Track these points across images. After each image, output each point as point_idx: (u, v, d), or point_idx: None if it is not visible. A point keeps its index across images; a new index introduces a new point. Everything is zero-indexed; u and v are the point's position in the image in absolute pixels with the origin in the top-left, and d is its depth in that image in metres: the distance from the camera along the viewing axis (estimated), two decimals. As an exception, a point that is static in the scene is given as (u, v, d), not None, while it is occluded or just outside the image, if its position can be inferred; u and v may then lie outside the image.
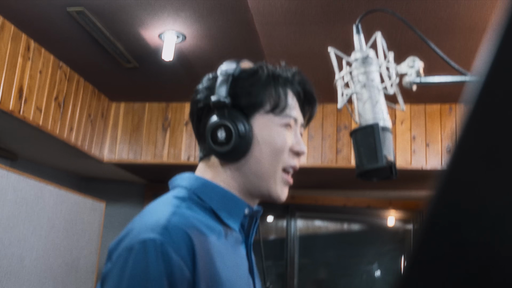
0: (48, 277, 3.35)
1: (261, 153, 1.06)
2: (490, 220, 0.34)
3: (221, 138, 1.04)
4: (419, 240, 0.36)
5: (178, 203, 1.01)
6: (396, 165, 1.09)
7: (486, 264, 0.35)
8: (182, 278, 0.87)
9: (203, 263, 0.91)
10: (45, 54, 3.32)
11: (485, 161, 0.34)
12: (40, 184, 3.26)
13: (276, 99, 1.08)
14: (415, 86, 1.10)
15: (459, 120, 0.37)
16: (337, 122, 3.96)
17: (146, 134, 4.21)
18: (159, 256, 0.86)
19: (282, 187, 1.09)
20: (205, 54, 3.21)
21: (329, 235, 5.64)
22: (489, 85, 0.32)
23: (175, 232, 0.90)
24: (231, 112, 1.05)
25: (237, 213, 1.07)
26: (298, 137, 1.11)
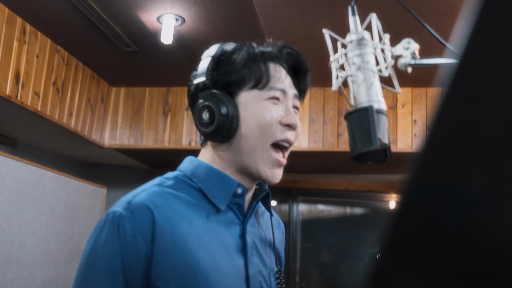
0: (49, 262, 3.36)
1: (247, 129, 1.06)
2: (468, 199, 0.34)
3: (206, 118, 1.06)
4: (395, 221, 0.35)
5: (160, 181, 1.07)
6: (390, 149, 1.07)
7: (465, 243, 0.35)
8: (136, 247, 0.95)
9: (167, 236, 0.97)
10: (42, 38, 3.29)
11: (463, 138, 0.33)
12: (40, 170, 3.26)
13: (257, 74, 1.07)
14: (410, 68, 1.07)
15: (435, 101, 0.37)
16: (339, 106, 3.93)
17: (147, 119, 4.19)
18: (115, 226, 0.96)
19: (271, 167, 1.07)
20: (205, 37, 3.18)
21: (331, 219, 5.65)
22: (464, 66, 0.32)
23: (136, 206, 0.98)
24: (214, 93, 1.07)
25: (226, 191, 1.07)
26: (289, 110, 1.09)
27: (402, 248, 0.35)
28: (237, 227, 1.08)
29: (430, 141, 0.34)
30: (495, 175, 0.33)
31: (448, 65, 0.33)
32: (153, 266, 0.95)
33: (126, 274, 0.95)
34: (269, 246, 1.19)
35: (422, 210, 0.35)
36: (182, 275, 0.95)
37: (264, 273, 1.12)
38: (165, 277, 0.95)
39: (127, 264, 0.95)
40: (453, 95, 0.33)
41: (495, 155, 0.33)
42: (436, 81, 0.37)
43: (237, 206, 1.09)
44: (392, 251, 0.36)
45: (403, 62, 1.04)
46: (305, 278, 5.27)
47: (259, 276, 1.09)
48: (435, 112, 0.33)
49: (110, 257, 0.95)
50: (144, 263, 0.95)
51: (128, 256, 0.95)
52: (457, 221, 0.34)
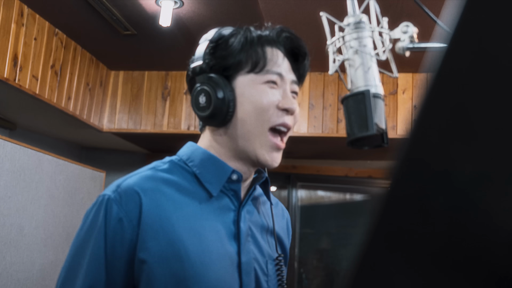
0: (48, 246, 3.37)
1: (244, 114, 1.05)
2: (457, 185, 0.33)
3: (202, 102, 1.06)
4: (382, 209, 0.34)
5: (155, 165, 1.09)
6: (387, 133, 1.05)
7: (454, 230, 0.34)
8: (121, 230, 0.96)
9: (154, 220, 0.98)
10: (40, 20, 3.26)
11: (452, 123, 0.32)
12: (39, 154, 3.25)
13: (254, 58, 1.07)
14: (408, 52, 1.06)
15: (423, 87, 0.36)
16: (338, 91, 3.92)
17: (146, 103, 4.17)
18: (102, 208, 0.98)
19: (269, 151, 1.06)
20: (204, 20, 3.15)
21: (331, 205, 5.65)
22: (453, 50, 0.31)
23: (124, 189, 1.00)
24: (211, 77, 1.06)
25: (219, 177, 1.07)
26: (286, 94, 1.08)
27: (391, 235, 0.35)
28: (231, 214, 1.08)
29: (418, 126, 0.33)
30: (484, 161, 0.32)
31: (437, 49, 0.32)
32: (138, 250, 0.96)
33: (108, 257, 0.97)
34: (270, 234, 1.17)
35: (409, 197, 0.34)
36: (167, 259, 0.96)
37: (261, 260, 1.10)
38: (150, 261, 0.95)
39: (111, 247, 0.97)
40: (441, 79, 0.32)
41: (485, 141, 0.32)
42: (424, 65, 0.36)
43: (233, 193, 1.08)
44: (381, 239, 0.35)
45: (401, 46, 1.03)
46: (304, 264, 5.29)
47: (254, 263, 1.07)
48: (422, 97, 0.33)
49: (95, 239, 0.97)
50: (128, 247, 0.97)
51: (113, 239, 0.97)
52: (446, 208, 0.33)
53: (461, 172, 0.33)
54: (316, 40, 1.95)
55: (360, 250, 0.35)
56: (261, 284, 1.08)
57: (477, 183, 0.33)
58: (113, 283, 0.97)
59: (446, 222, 0.33)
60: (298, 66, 1.14)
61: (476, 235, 0.34)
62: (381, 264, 0.35)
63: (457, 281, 0.35)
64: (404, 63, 3.47)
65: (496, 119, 0.32)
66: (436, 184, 0.33)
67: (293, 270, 5.08)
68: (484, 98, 0.31)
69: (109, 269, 0.97)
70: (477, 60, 0.31)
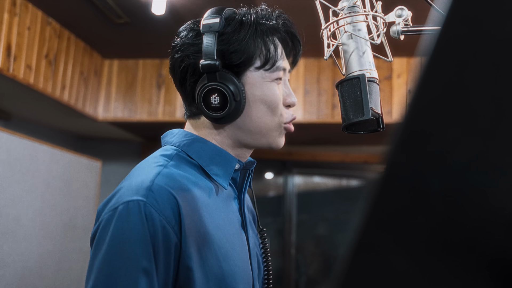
0: (45, 236, 3.37)
1: (257, 112, 1.03)
2: (454, 168, 0.33)
3: (215, 103, 1.00)
4: (378, 189, 0.34)
5: (164, 161, 0.99)
6: (383, 118, 1.05)
7: (451, 213, 0.34)
8: (167, 239, 0.87)
9: (190, 223, 0.91)
10: (33, 9, 3.24)
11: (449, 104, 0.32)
12: (34, 144, 3.24)
13: (266, 53, 1.03)
14: (403, 35, 1.06)
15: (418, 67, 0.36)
16: (333, 77, 3.91)
17: (141, 91, 4.16)
18: (142, 217, 0.86)
19: (282, 136, 1.08)
20: (198, 7, 3.13)
21: (327, 191, 5.66)
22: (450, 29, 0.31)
23: (159, 193, 0.89)
24: (222, 74, 1.00)
25: (226, 169, 1.04)
26: (288, 88, 1.09)
27: (387, 219, 0.35)
28: (235, 202, 1.08)
29: (414, 108, 0.33)
30: (482, 143, 0.32)
31: (434, 30, 0.32)
32: (183, 257, 0.88)
33: (157, 269, 0.86)
34: (250, 211, 1.19)
35: (405, 181, 0.34)
36: (208, 262, 0.91)
37: (257, 243, 1.13)
38: (195, 267, 0.89)
39: (158, 258, 0.86)
40: (439, 59, 0.32)
41: (481, 121, 0.32)
42: (420, 48, 0.36)
43: (233, 180, 1.08)
44: (376, 222, 0.35)
45: (395, 29, 1.02)
46: (301, 250, 5.31)
47: (255, 247, 1.10)
48: (418, 78, 0.32)
49: (144, 253, 0.85)
50: (174, 253, 0.88)
51: (159, 249, 0.87)
52: (442, 191, 0.33)
53: (457, 154, 0.32)
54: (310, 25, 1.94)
55: (356, 233, 0.35)
56: (260, 265, 1.11)
57: (473, 164, 0.33)
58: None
59: (442, 204, 0.33)
60: (292, 52, 1.13)
61: (473, 217, 0.34)
62: (377, 247, 0.35)
63: (453, 263, 0.35)
64: (398, 48, 3.46)
65: (493, 99, 0.31)
66: (432, 166, 0.33)
67: (290, 257, 5.10)
68: (481, 78, 0.31)
69: (160, 283, 0.87)
70: (474, 37, 0.31)
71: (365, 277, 0.36)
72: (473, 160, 0.33)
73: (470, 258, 0.35)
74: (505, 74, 0.31)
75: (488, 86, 0.31)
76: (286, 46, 1.10)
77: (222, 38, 1.01)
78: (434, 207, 0.34)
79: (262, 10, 1.09)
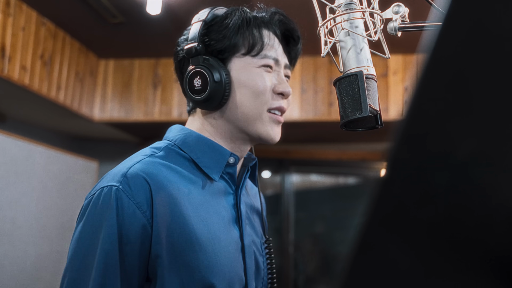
0: (42, 237, 3.36)
1: (241, 97, 1.04)
2: (456, 164, 0.32)
3: (197, 85, 1.03)
4: (382, 188, 0.34)
5: (151, 152, 1.03)
6: (381, 114, 1.05)
7: (453, 209, 0.34)
8: (136, 224, 0.90)
9: (165, 210, 0.93)
10: (27, 10, 3.22)
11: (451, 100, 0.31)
12: (30, 145, 3.23)
13: (250, 40, 1.05)
14: (400, 32, 1.05)
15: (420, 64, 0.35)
16: (330, 75, 3.91)
17: (137, 91, 4.15)
18: (112, 202, 0.90)
19: (272, 126, 1.07)
20: (193, 6, 3.12)
21: (324, 189, 5.67)
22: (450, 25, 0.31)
23: (132, 178, 0.92)
24: (206, 59, 1.04)
25: (218, 161, 1.05)
26: (281, 78, 1.09)
27: (390, 216, 0.34)
28: (230, 197, 1.07)
29: (416, 104, 0.33)
30: (484, 139, 0.32)
31: (434, 26, 0.31)
32: (153, 241, 0.90)
33: (123, 255, 0.89)
34: (256, 214, 1.19)
35: (409, 177, 0.33)
36: (181, 250, 0.92)
37: (257, 242, 1.11)
38: (165, 255, 0.91)
39: (126, 243, 0.89)
40: (439, 54, 0.31)
41: (484, 118, 0.32)
42: (418, 44, 0.35)
43: (229, 176, 1.08)
44: (379, 220, 0.34)
45: (392, 26, 1.02)
46: (299, 248, 5.32)
47: (253, 245, 1.08)
48: (420, 75, 0.32)
49: (107, 237, 0.89)
50: (143, 239, 0.90)
51: (128, 235, 0.89)
52: (445, 188, 0.33)
53: (460, 149, 0.32)
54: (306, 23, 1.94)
55: (359, 231, 0.34)
56: (259, 265, 1.09)
57: (475, 160, 0.32)
58: (130, 282, 0.90)
59: (446, 201, 0.33)
60: (290, 49, 1.14)
61: (476, 214, 0.34)
62: (380, 244, 0.35)
63: (456, 260, 0.35)
64: (394, 45, 3.46)
65: (494, 94, 0.31)
66: (434, 162, 0.33)
67: (288, 255, 5.10)
68: (481, 72, 0.31)
69: (126, 268, 0.90)
70: (477, 33, 0.30)
71: (369, 275, 0.36)
72: (474, 156, 0.32)
73: (474, 255, 0.35)
74: (503, 68, 0.31)
75: (487, 80, 0.31)
76: (283, 41, 1.12)
77: (208, 27, 1.06)
78: (437, 204, 0.34)
79: (258, 8, 1.12)
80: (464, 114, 0.32)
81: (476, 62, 0.31)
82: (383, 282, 0.36)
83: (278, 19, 1.11)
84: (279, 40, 1.10)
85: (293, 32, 1.13)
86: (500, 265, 0.35)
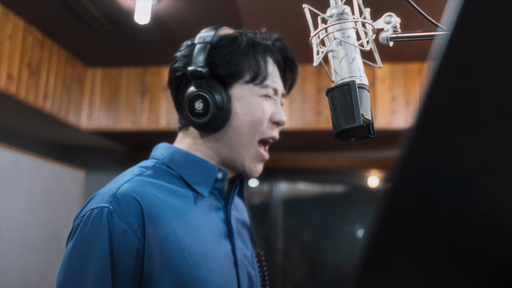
0: (28, 248, 3.32)
1: (239, 124, 1.05)
2: (462, 176, 0.33)
3: (199, 109, 1.03)
4: (388, 199, 0.34)
5: (140, 171, 1.02)
6: (373, 124, 1.05)
7: (459, 221, 0.34)
8: (128, 244, 0.89)
9: (156, 228, 0.92)
10: (14, 18, 3.20)
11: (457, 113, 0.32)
12: (16, 154, 3.20)
13: (256, 68, 1.06)
14: (392, 42, 1.06)
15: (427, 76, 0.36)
16: (318, 83, 3.92)
17: (125, 100, 4.13)
18: (103, 223, 0.89)
19: (256, 163, 1.09)
20: (181, 16, 3.12)
21: (312, 197, 5.67)
22: (456, 41, 0.31)
23: (123, 198, 0.92)
24: (209, 82, 1.04)
25: (207, 177, 1.05)
26: (278, 107, 1.11)
27: (396, 225, 0.34)
28: (220, 212, 1.08)
29: (423, 116, 0.33)
30: (490, 152, 0.32)
31: (440, 36, 0.31)
32: (146, 260, 0.90)
33: (115, 275, 0.89)
34: (246, 228, 1.20)
35: (415, 188, 0.34)
36: (174, 267, 0.92)
37: (248, 255, 1.12)
38: (158, 273, 0.90)
39: (118, 264, 0.89)
40: (446, 67, 0.32)
41: (490, 131, 0.32)
42: (429, 54, 0.36)
43: (218, 191, 1.08)
44: (386, 231, 0.34)
45: (384, 36, 1.03)
46: (287, 257, 5.31)
47: (245, 259, 1.09)
48: (427, 86, 0.32)
49: (100, 258, 0.88)
50: (136, 259, 0.90)
51: (120, 255, 0.89)
52: (451, 198, 0.33)
53: (466, 161, 0.32)
54: (294, 32, 1.95)
55: (367, 242, 0.34)
56: (252, 278, 1.10)
57: (481, 172, 0.33)
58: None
59: (453, 211, 0.33)
60: (287, 77, 1.16)
61: (481, 225, 0.34)
62: (389, 257, 0.35)
63: (461, 272, 0.35)
64: (381, 53, 3.48)
65: (500, 106, 0.31)
66: (442, 173, 0.33)
67: (276, 263, 5.09)
68: (488, 85, 0.31)
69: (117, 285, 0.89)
70: (483, 45, 0.30)
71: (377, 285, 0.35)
72: (481, 171, 0.33)
73: (479, 267, 0.35)
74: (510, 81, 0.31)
75: (495, 93, 0.31)
76: (280, 69, 1.13)
77: (214, 51, 1.05)
78: (444, 215, 0.34)
79: (261, 32, 1.13)
80: (471, 127, 0.32)
81: (484, 73, 0.31)
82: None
83: (279, 47, 1.12)
84: (277, 67, 1.12)
85: (292, 61, 1.15)
86: (506, 276, 0.35)
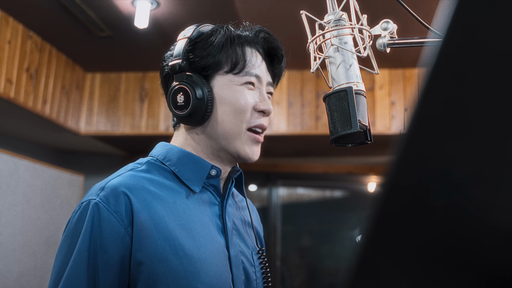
0: (26, 252, 3.31)
1: (223, 114, 1.06)
2: (454, 182, 0.33)
3: (180, 101, 1.06)
4: (380, 205, 0.34)
5: (133, 166, 1.07)
6: (370, 130, 1.06)
7: (451, 226, 0.34)
8: (115, 233, 0.93)
9: (146, 219, 0.96)
10: (14, 23, 3.21)
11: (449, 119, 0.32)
12: (14, 159, 3.19)
13: (233, 58, 1.07)
14: (389, 48, 1.06)
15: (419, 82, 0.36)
16: (317, 88, 3.92)
17: (124, 104, 4.14)
18: (90, 214, 0.94)
19: (250, 146, 1.09)
20: (180, 20, 3.13)
21: (311, 202, 5.67)
22: (447, 47, 0.31)
23: (110, 190, 0.96)
24: (189, 76, 1.06)
25: (199, 173, 1.07)
26: (263, 96, 1.11)
27: (387, 233, 0.34)
28: (215, 208, 1.09)
29: (414, 122, 0.33)
30: (482, 157, 0.32)
31: (432, 44, 0.32)
32: (134, 251, 0.94)
33: (99, 263, 0.93)
34: (248, 226, 1.21)
35: (407, 193, 0.34)
36: (165, 257, 0.94)
37: (247, 252, 1.13)
38: (148, 261, 0.93)
39: (103, 251, 0.93)
40: (437, 74, 0.32)
41: (482, 137, 0.32)
42: (420, 61, 0.36)
43: (213, 188, 1.10)
44: (377, 236, 0.34)
45: (381, 42, 1.03)
46: (286, 262, 5.30)
47: (241, 256, 1.10)
48: (419, 92, 0.32)
49: (80, 246, 0.93)
50: (122, 247, 0.94)
51: (104, 243, 0.93)
52: (443, 205, 0.33)
53: (458, 167, 0.32)
54: (293, 37, 1.94)
55: (358, 250, 0.34)
56: (249, 275, 1.10)
57: (473, 178, 0.33)
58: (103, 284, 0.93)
59: (445, 218, 0.33)
60: (274, 67, 1.16)
61: (472, 232, 0.34)
62: (380, 263, 0.35)
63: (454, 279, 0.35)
64: (380, 59, 3.49)
65: (491, 114, 0.31)
66: (434, 180, 0.33)
67: (275, 268, 5.08)
68: (480, 93, 0.31)
69: (101, 276, 0.93)
70: (474, 52, 0.30)
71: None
72: (473, 176, 0.33)
73: (472, 274, 0.35)
74: (502, 89, 0.31)
75: (486, 101, 0.31)
76: (267, 59, 1.14)
77: (194, 45, 1.08)
78: (437, 222, 0.34)
79: (244, 26, 1.15)
80: (462, 133, 0.32)
81: (473, 80, 0.31)
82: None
83: (263, 37, 1.13)
84: (262, 57, 1.12)
85: (277, 50, 1.15)
86: (499, 282, 0.35)
